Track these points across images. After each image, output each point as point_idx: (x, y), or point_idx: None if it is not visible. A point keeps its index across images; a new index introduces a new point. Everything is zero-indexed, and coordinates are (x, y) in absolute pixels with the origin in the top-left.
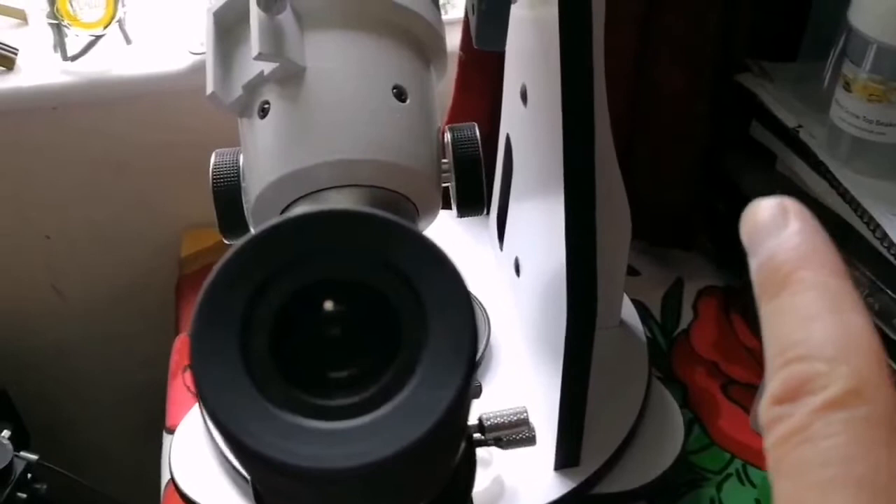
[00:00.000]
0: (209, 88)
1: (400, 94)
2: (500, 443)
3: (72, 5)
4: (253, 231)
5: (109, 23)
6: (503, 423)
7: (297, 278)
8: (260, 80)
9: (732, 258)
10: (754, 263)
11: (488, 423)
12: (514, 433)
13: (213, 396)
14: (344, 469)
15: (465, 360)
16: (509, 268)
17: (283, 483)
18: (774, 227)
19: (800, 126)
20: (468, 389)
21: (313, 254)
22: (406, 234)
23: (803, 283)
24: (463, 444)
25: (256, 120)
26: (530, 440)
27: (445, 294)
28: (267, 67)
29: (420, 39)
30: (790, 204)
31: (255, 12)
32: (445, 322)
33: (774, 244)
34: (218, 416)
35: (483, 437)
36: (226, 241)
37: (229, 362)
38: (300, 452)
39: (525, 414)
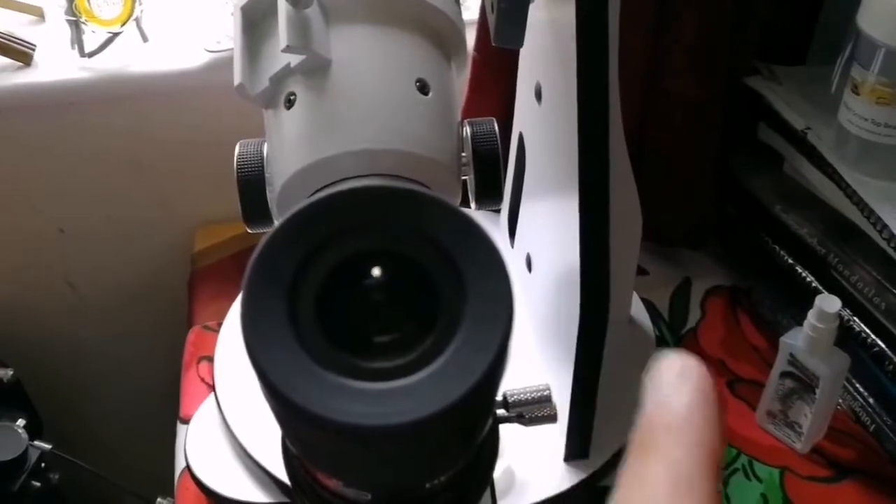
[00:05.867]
0: (237, 80)
1: (423, 88)
2: (523, 419)
3: (90, 2)
4: (301, 204)
5: (127, 20)
6: (526, 399)
7: (342, 248)
8: (286, 72)
9: (740, 258)
10: (640, 412)
11: (512, 398)
12: (536, 410)
13: (263, 357)
14: (387, 426)
15: (502, 324)
16: (520, 264)
17: (330, 443)
18: (669, 389)
19: (808, 128)
20: (506, 353)
21: (358, 226)
22: (446, 209)
23: (660, 455)
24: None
25: (282, 111)
26: (552, 417)
27: (482, 264)
28: (294, 60)
29: (441, 34)
30: (694, 370)
31: (282, 6)
32: (482, 290)
33: (658, 404)
34: (267, 374)
35: (507, 414)
36: (249, 231)
37: (278, 326)
38: (345, 410)
39: (548, 391)
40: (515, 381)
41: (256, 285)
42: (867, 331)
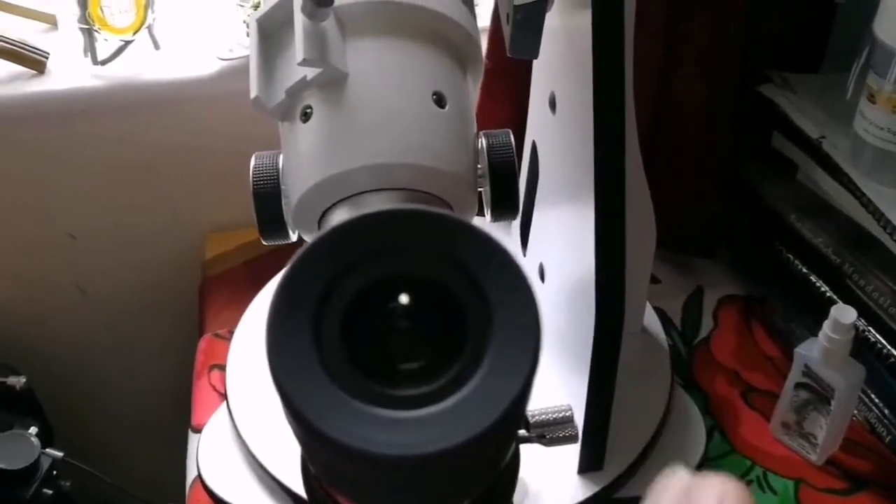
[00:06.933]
0: (253, 93)
1: (439, 101)
2: (544, 440)
3: (103, 10)
4: (325, 229)
5: (139, 28)
6: (548, 420)
7: (367, 273)
8: (303, 85)
9: (753, 267)
10: None
11: (533, 419)
12: (558, 430)
13: (289, 386)
14: (414, 456)
15: (530, 351)
16: (533, 273)
17: (353, 469)
18: None
19: (822, 137)
20: (533, 381)
21: (383, 250)
22: (472, 233)
23: None
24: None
25: (298, 124)
26: (573, 438)
27: (509, 290)
28: (310, 73)
29: (458, 47)
30: (735, 497)
31: (299, 19)
32: (510, 316)
33: None
34: (294, 403)
35: (528, 434)
36: (264, 243)
37: (303, 353)
38: (372, 439)
39: (570, 412)
40: None
41: (281, 312)
42: (883, 341)
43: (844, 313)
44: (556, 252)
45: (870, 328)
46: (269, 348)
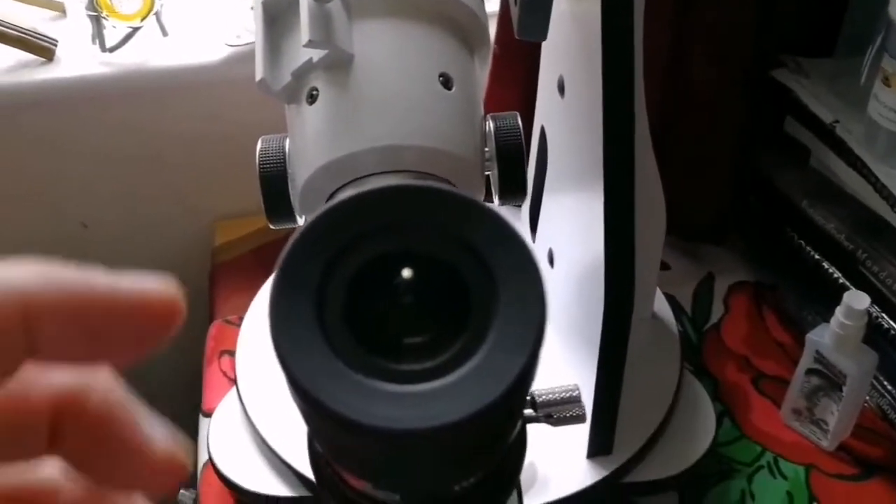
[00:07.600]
0: (258, 75)
1: (446, 82)
2: (551, 419)
3: None
4: (330, 203)
5: (147, 15)
6: (555, 399)
7: (371, 248)
8: (308, 67)
9: (765, 254)
10: None
11: (540, 399)
12: (565, 410)
13: (292, 359)
14: (419, 430)
15: (535, 326)
16: (542, 258)
17: (357, 444)
18: None
19: (836, 121)
20: (539, 355)
21: (389, 225)
22: (477, 209)
23: None
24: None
25: (304, 106)
26: (580, 417)
27: (516, 266)
28: (316, 55)
29: (464, 28)
30: None
31: (304, 1)
32: (515, 291)
33: None
34: (296, 376)
35: (535, 414)
36: (271, 227)
37: (306, 327)
38: (376, 413)
39: (577, 391)
40: (538, 376)
41: (285, 286)
42: None
43: (858, 299)
44: (565, 237)
45: (883, 314)
46: (272, 323)
